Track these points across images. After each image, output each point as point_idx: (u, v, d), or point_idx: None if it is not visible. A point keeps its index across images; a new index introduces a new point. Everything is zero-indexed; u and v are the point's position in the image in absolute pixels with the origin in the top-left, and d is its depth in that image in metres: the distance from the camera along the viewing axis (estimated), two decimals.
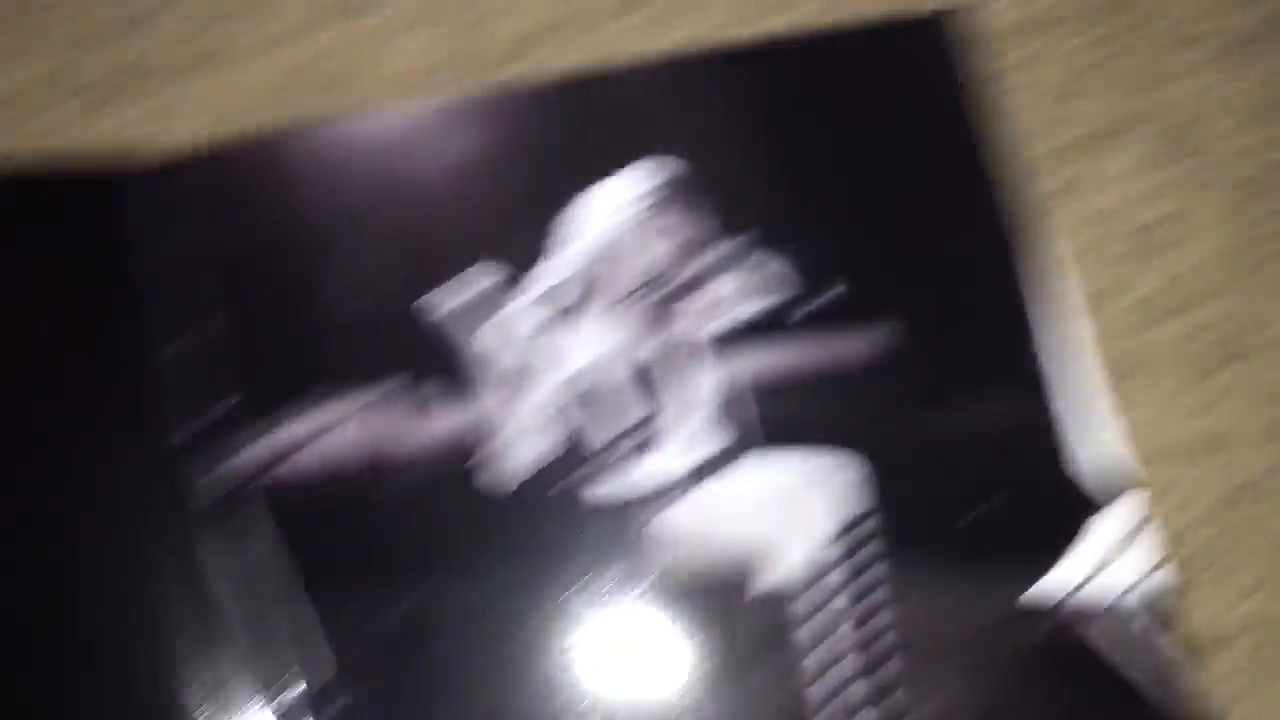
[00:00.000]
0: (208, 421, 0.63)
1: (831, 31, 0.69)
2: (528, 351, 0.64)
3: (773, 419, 0.63)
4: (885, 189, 0.67)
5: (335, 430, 0.64)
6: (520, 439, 0.62)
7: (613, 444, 0.62)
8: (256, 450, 0.62)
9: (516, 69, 0.70)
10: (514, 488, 0.62)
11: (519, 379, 0.63)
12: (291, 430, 0.63)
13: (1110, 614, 0.59)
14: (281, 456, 0.63)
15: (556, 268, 0.65)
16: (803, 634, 0.59)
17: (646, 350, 0.64)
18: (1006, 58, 0.70)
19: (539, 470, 0.62)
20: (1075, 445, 0.62)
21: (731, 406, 0.63)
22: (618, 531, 0.61)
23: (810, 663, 0.59)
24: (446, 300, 0.64)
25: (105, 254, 0.63)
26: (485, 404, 0.63)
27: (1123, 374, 0.64)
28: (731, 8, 0.71)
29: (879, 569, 0.61)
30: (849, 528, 0.61)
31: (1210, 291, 0.66)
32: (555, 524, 0.61)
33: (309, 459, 0.63)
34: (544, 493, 0.61)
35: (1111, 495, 0.61)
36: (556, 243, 0.65)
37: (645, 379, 0.64)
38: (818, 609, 0.60)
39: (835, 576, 0.60)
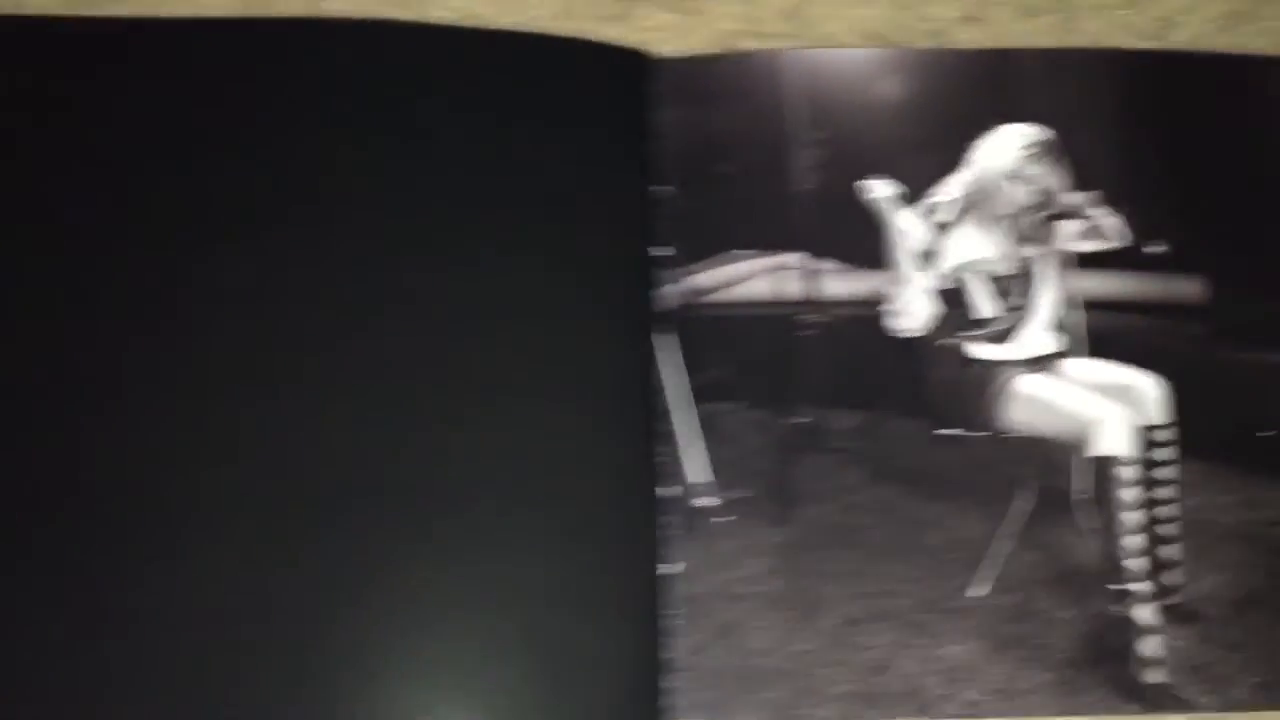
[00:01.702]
0: (663, 256, 0.82)
1: (1195, 54, 0.88)
2: (930, 240, 0.84)
3: (1098, 334, 0.83)
4: (1217, 180, 0.86)
5: (748, 281, 0.84)
6: (921, 300, 0.82)
7: (991, 319, 0.83)
8: (685, 285, 0.82)
9: (938, 40, 0.90)
10: (914, 334, 0.82)
11: (924, 258, 0.83)
12: (712, 275, 0.83)
13: None
14: (702, 293, 0.82)
15: (953, 187, 0.85)
16: (1125, 494, 0.78)
17: (1015, 258, 0.84)
18: None
19: (934, 324, 0.82)
20: None
21: (1069, 318, 0.83)
22: (988, 381, 0.81)
23: (1125, 517, 0.78)
24: (875, 190, 0.84)
25: (632, 115, 0.84)
26: (898, 270, 0.83)
27: None
28: (1115, 24, 0.91)
29: (1170, 470, 0.79)
30: (1152, 430, 0.80)
31: None
32: (942, 366, 0.81)
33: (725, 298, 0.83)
34: (941, 340, 0.82)
35: None
36: (953, 169, 0.85)
37: (1015, 279, 0.84)
38: (1129, 484, 0.78)
39: (1135, 471, 0.78)
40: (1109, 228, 0.83)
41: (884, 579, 0.75)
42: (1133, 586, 0.75)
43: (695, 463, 0.77)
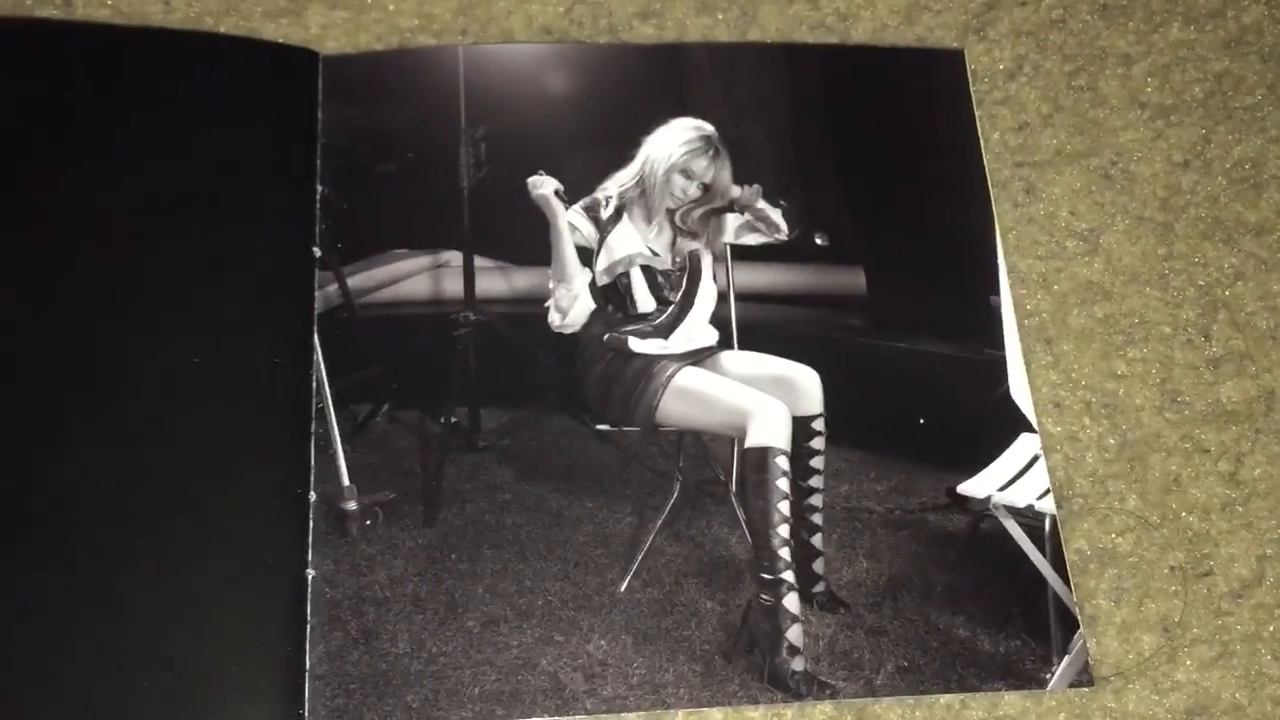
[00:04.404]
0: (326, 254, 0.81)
1: (866, 47, 0.89)
2: (593, 236, 0.83)
3: (756, 326, 0.83)
4: (878, 172, 0.87)
5: (406, 280, 0.83)
6: (581, 296, 0.82)
7: (651, 314, 0.82)
8: (341, 286, 0.80)
9: (614, 36, 0.90)
10: (577, 328, 0.81)
11: (586, 254, 0.83)
12: (370, 276, 0.82)
13: (1025, 513, 0.77)
14: (359, 294, 0.81)
15: (618, 182, 0.85)
16: (777, 484, 0.78)
17: (677, 252, 0.84)
18: (996, 92, 0.91)
19: (596, 319, 0.82)
20: (997, 390, 0.81)
21: (723, 311, 0.83)
22: (648, 375, 0.80)
23: (777, 507, 0.78)
24: (539, 186, 0.83)
25: (301, 115, 0.83)
26: (559, 267, 0.82)
27: (1045, 342, 0.84)
28: (793, 19, 0.91)
29: (820, 459, 0.80)
30: (807, 420, 0.80)
31: (1112, 293, 0.86)
32: (601, 362, 0.81)
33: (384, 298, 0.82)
34: (600, 336, 0.81)
35: (1022, 430, 0.80)
36: (618, 164, 0.85)
37: (676, 274, 0.84)
38: (781, 474, 0.78)
39: (787, 461, 0.78)
40: (771, 221, 0.84)
41: (530, 577, 0.74)
42: (781, 575, 0.75)
43: (340, 466, 0.76)
